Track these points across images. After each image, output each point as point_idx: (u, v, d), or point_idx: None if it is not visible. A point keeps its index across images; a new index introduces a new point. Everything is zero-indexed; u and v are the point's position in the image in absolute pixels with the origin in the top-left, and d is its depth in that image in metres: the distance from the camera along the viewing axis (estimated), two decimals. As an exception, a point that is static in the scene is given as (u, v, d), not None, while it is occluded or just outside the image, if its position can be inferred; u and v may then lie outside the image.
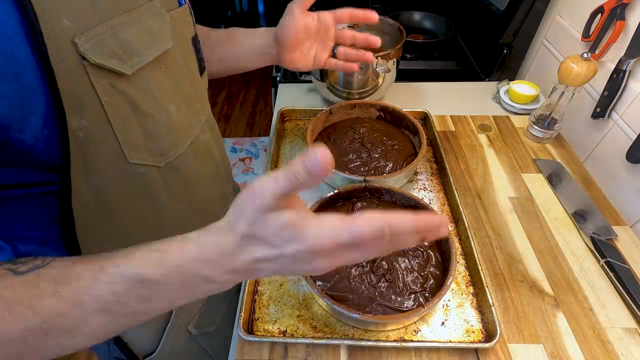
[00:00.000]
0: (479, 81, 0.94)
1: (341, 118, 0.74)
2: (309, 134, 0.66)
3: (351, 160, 0.66)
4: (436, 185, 0.65)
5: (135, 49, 0.32)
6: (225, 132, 2.13)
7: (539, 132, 0.74)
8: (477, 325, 0.47)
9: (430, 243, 0.52)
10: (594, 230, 0.58)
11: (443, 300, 0.49)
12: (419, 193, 0.64)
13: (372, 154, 0.66)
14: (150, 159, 0.36)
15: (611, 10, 0.63)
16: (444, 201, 0.63)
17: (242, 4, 2.53)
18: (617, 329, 0.48)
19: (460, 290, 0.51)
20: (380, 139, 0.69)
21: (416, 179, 0.66)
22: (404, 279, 0.49)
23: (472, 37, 1.08)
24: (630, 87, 0.62)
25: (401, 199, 0.56)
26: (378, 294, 0.47)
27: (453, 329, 0.47)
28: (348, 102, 0.73)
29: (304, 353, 0.46)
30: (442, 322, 0.48)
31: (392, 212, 0.28)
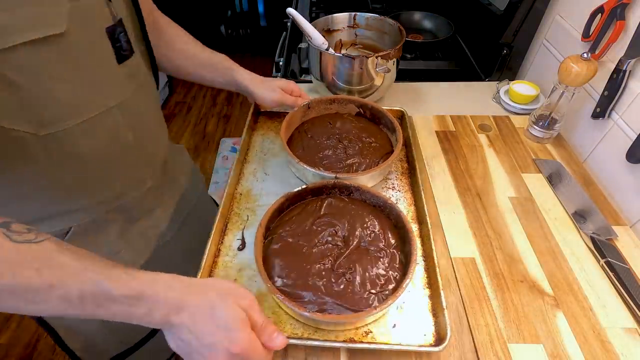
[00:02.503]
0: (479, 81, 0.94)
1: (320, 113, 0.73)
2: (284, 127, 0.65)
3: (327, 156, 0.65)
4: (405, 185, 0.64)
5: (10, 30, 0.35)
6: (225, 132, 2.12)
7: (539, 132, 0.74)
8: (429, 329, 0.46)
9: (395, 243, 0.51)
10: (594, 230, 0.58)
11: (398, 302, 0.48)
12: (387, 192, 0.63)
13: (349, 151, 0.65)
14: (26, 126, 0.40)
15: (611, 10, 0.63)
16: (411, 202, 0.62)
17: (242, 4, 2.53)
18: (617, 329, 0.48)
19: (417, 292, 0.50)
20: (358, 135, 0.68)
21: (386, 177, 0.65)
22: (364, 279, 0.47)
23: (472, 37, 1.08)
24: (630, 87, 0.62)
25: (370, 197, 0.55)
26: (335, 293, 0.46)
27: (405, 332, 0.46)
28: (327, 97, 0.72)
29: (304, 353, 0.46)
30: (395, 324, 0.47)
31: (359, 211, 0.31)
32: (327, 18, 0.86)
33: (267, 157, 0.70)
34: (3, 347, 1.27)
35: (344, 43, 0.90)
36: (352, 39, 0.90)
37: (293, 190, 0.54)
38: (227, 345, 0.34)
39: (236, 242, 0.56)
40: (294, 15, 0.72)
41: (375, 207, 0.55)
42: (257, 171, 0.67)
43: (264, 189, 0.64)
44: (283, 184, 0.61)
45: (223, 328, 0.34)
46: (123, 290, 0.34)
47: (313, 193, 0.56)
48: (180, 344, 0.36)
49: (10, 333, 1.30)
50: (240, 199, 0.62)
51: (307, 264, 0.48)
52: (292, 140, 0.69)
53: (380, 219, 0.54)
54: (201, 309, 0.35)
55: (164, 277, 0.36)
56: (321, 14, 1.26)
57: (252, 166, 0.68)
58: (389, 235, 0.52)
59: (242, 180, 0.65)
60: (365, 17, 0.87)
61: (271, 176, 0.66)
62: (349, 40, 0.90)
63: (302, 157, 0.63)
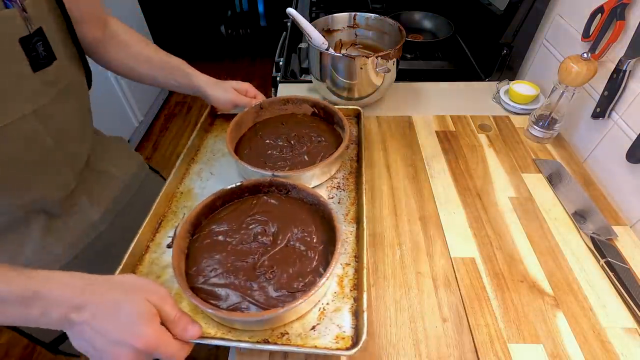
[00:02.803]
0: (479, 81, 0.94)
1: (274, 114, 0.73)
2: (231, 126, 0.65)
3: (273, 155, 0.64)
4: (351, 184, 0.63)
5: None
6: (225, 132, 2.12)
7: (539, 132, 0.74)
8: (349, 332, 0.44)
9: (324, 243, 0.50)
10: (594, 230, 0.58)
11: (321, 304, 0.46)
12: (332, 191, 0.62)
13: (296, 150, 0.65)
14: None
15: (611, 10, 0.63)
16: (353, 201, 0.60)
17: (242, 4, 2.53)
18: (617, 329, 0.48)
19: (343, 294, 0.48)
20: (308, 135, 0.68)
21: (334, 176, 0.64)
22: (284, 279, 0.46)
23: (472, 37, 1.08)
24: (630, 87, 0.62)
25: (306, 196, 0.54)
26: (251, 292, 0.45)
27: (323, 334, 0.44)
28: (280, 98, 0.72)
29: (304, 355, 0.46)
30: (314, 326, 0.44)
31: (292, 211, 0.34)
32: (327, 18, 0.86)
33: (217, 157, 0.69)
34: (3, 347, 1.27)
35: (344, 43, 0.90)
36: (352, 39, 0.90)
37: (226, 188, 0.54)
38: (131, 340, 0.34)
39: (167, 240, 0.55)
40: (294, 15, 0.72)
41: (312, 206, 0.54)
42: (202, 171, 0.66)
43: (207, 188, 0.63)
44: (227, 183, 0.58)
45: (127, 323, 0.35)
46: (15, 290, 0.34)
47: (250, 191, 0.56)
48: (83, 343, 0.36)
49: (11, 333, 1.30)
50: (180, 197, 0.61)
51: (229, 262, 0.47)
52: (242, 141, 0.68)
53: (314, 218, 0.53)
54: (104, 306, 0.35)
55: (60, 275, 0.36)
56: (321, 14, 1.26)
57: (199, 166, 0.67)
58: (319, 235, 0.51)
59: (185, 179, 0.64)
60: (365, 17, 0.87)
61: (216, 176, 0.65)
62: (349, 40, 0.90)
63: (248, 156, 0.63)
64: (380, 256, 0.56)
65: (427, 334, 0.48)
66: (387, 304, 0.51)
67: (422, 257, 0.56)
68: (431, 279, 0.53)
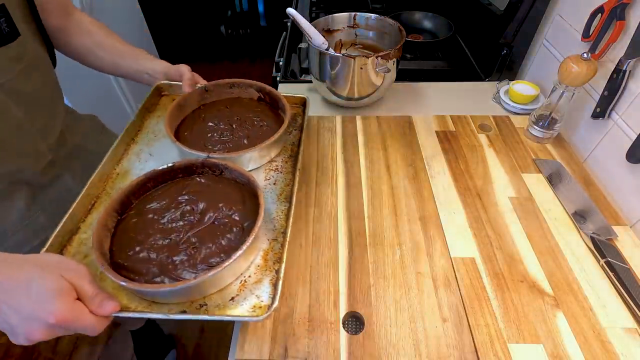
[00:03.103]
0: (479, 81, 0.94)
1: (221, 97, 0.72)
2: (172, 107, 0.64)
3: (212, 138, 0.64)
4: (289, 167, 0.63)
5: None
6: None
7: (539, 132, 0.74)
8: (266, 301, 0.44)
9: (250, 221, 0.50)
10: (594, 230, 0.58)
11: (243, 277, 0.47)
12: (270, 173, 0.62)
13: (237, 134, 0.64)
14: None
15: (611, 10, 0.63)
16: (289, 182, 0.60)
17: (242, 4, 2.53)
18: (617, 329, 0.48)
19: (266, 267, 0.48)
20: (252, 119, 0.67)
21: (274, 159, 0.65)
22: (208, 254, 0.46)
23: (472, 37, 1.08)
24: (630, 87, 0.62)
25: (238, 176, 0.54)
26: (171, 267, 0.45)
27: (241, 304, 0.45)
28: (226, 81, 0.71)
29: (304, 353, 0.46)
30: (233, 297, 0.45)
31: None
32: (327, 18, 0.86)
33: (158, 138, 0.67)
34: (3, 347, 1.27)
35: (344, 43, 0.90)
36: (352, 39, 0.90)
37: (157, 169, 0.54)
38: (43, 315, 0.35)
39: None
40: (294, 16, 0.72)
41: (243, 186, 0.54)
42: (142, 152, 0.65)
43: (145, 170, 0.60)
44: (161, 159, 0.58)
45: (39, 299, 0.36)
46: None
47: (183, 172, 0.56)
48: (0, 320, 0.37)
49: (10, 333, 1.30)
50: (116, 178, 0.60)
51: (153, 240, 0.48)
52: (185, 122, 0.67)
53: (244, 197, 0.53)
54: (16, 283, 0.36)
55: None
56: (321, 14, 1.26)
57: (139, 147, 0.65)
58: (246, 213, 0.51)
59: (123, 160, 0.63)
60: (365, 17, 0.87)
61: (156, 157, 0.64)
62: (349, 40, 0.90)
63: (188, 138, 0.63)
64: (380, 256, 0.56)
65: (427, 334, 0.48)
66: (387, 304, 0.51)
67: (422, 257, 0.56)
68: (431, 279, 0.53)
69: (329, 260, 0.56)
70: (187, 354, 1.26)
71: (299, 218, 0.61)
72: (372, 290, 0.52)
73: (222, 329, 1.32)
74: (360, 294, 0.52)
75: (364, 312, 0.50)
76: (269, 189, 0.59)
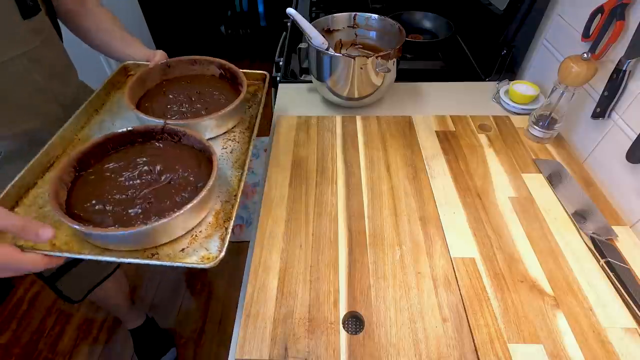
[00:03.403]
0: (479, 81, 0.94)
1: (183, 73, 0.74)
2: (134, 79, 0.66)
3: (172, 109, 0.66)
4: (246, 137, 0.66)
5: None
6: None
7: (539, 132, 0.74)
8: (214, 253, 0.47)
9: (203, 182, 0.52)
10: (594, 230, 0.58)
11: (194, 232, 0.50)
12: (226, 143, 0.64)
13: (196, 106, 0.67)
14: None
15: (611, 10, 0.63)
16: (244, 151, 0.63)
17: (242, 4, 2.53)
18: (617, 329, 0.48)
19: (217, 224, 0.51)
20: (211, 93, 0.70)
21: (232, 129, 0.67)
22: (162, 209, 0.48)
23: (472, 37, 1.08)
24: (630, 87, 0.62)
25: (195, 142, 0.57)
26: (125, 220, 0.47)
27: (190, 255, 0.47)
28: (188, 58, 0.74)
29: (304, 353, 0.46)
30: (183, 248, 0.48)
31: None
32: (327, 18, 0.86)
33: (121, 111, 0.69)
34: (3, 347, 1.27)
35: (344, 43, 0.90)
36: (352, 39, 0.90)
37: (117, 131, 0.56)
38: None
39: None
40: (294, 16, 0.72)
41: (200, 152, 0.57)
42: (104, 122, 0.67)
43: None
44: (124, 123, 0.61)
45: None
46: None
47: (143, 137, 0.58)
48: None
49: (10, 333, 1.30)
50: (77, 143, 0.62)
51: (110, 194, 0.50)
52: (146, 95, 0.69)
53: (200, 161, 0.55)
54: None
55: None
56: (321, 14, 1.26)
57: (102, 117, 0.67)
58: (201, 176, 0.53)
59: (85, 128, 0.65)
60: (365, 17, 0.87)
61: (118, 127, 0.64)
62: (349, 40, 0.90)
63: (148, 109, 0.65)
64: (380, 256, 0.56)
65: (427, 334, 0.48)
66: (387, 304, 0.51)
67: (422, 257, 0.56)
68: (431, 279, 0.53)
69: (329, 260, 0.56)
70: (187, 354, 1.26)
71: (298, 218, 0.61)
72: (372, 291, 0.52)
73: (223, 329, 1.32)
74: (360, 294, 0.52)
75: (364, 312, 0.50)
76: (225, 156, 0.62)
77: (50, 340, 1.29)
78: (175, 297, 1.41)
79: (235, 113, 0.65)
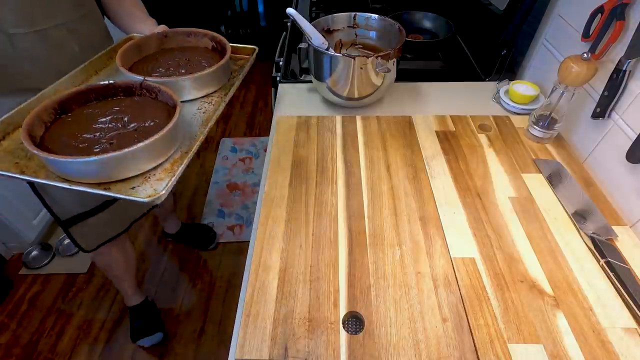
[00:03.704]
0: (479, 81, 0.94)
1: (178, 44, 0.78)
2: (129, 44, 0.70)
3: (159, 72, 0.69)
4: (222, 102, 0.68)
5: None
6: (225, 132, 2.13)
7: (539, 132, 0.74)
8: (160, 192, 0.49)
9: (160, 121, 0.56)
10: (594, 230, 0.58)
11: (148, 174, 0.52)
12: (202, 105, 0.66)
13: (179, 71, 0.70)
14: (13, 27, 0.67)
15: (611, 10, 0.63)
16: (213, 113, 0.64)
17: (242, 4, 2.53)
18: (617, 329, 0.48)
19: (171, 170, 0.53)
20: (199, 62, 0.72)
21: (212, 94, 0.68)
22: (121, 149, 0.50)
23: (472, 37, 1.08)
24: (630, 87, 0.62)
25: (167, 98, 0.59)
26: (89, 153, 0.51)
27: (139, 192, 0.49)
28: (183, 29, 0.77)
29: (304, 353, 0.46)
30: (134, 187, 0.50)
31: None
32: (327, 18, 0.86)
33: (119, 76, 0.70)
34: (3, 347, 1.27)
35: (344, 43, 0.90)
36: (352, 39, 0.90)
37: (99, 83, 0.61)
38: None
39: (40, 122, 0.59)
40: (294, 16, 0.72)
41: (173, 108, 0.59)
42: (101, 80, 0.68)
43: None
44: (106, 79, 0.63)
45: None
46: None
47: (124, 92, 0.62)
48: None
49: (10, 333, 1.30)
50: None
51: (80, 133, 0.54)
52: (141, 60, 0.73)
53: (171, 116, 0.56)
54: None
55: None
56: (321, 14, 1.26)
57: (99, 78, 0.70)
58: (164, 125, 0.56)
59: (82, 85, 0.66)
60: (365, 17, 0.87)
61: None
62: (349, 40, 0.90)
63: (138, 71, 0.67)
64: (380, 256, 0.56)
65: (427, 334, 0.48)
66: (387, 304, 0.51)
67: (422, 257, 0.56)
68: (431, 279, 0.53)
69: (329, 260, 0.56)
70: (187, 354, 1.26)
71: (298, 218, 0.61)
72: (372, 290, 0.52)
73: (223, 329, 1.32)
74: (360, 294, 0.52)
75: (364, 312, 0.50)
76: (198, 116, 0.63)
77: (50, 340, 1.29)
78: (176, 297, 1.41)
79: (216, 78, 0.68)
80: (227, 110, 2.29)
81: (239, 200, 1.76)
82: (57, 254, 1.53)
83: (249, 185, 1.83)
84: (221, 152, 2.00)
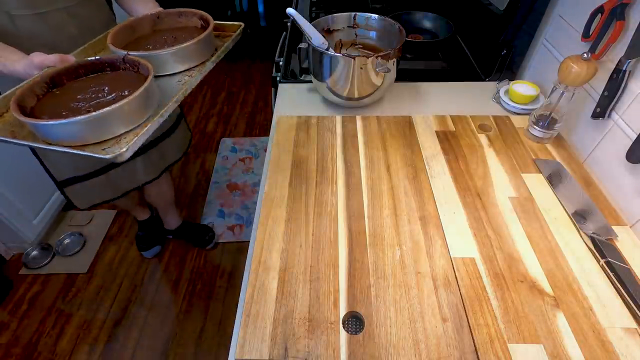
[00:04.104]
0: (479, 81, 0.94)
1: (171, 25, 0.81)
2: (121, 25, 0.74)
3: (147, 48, 0.73)
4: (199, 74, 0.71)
5: None
6: (225, 132, 2.12)
7: (539, 132, 0.74)
8: (123, 149, 0.52)
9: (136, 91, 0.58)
10: (594, 230, 0.58)
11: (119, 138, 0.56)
12: (182, 78, 0.69)
13: (166, 46, 0.72)
14: (15, 10, 0.75)
15: (611, 10, 0.63)
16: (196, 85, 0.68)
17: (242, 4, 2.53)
18: (617, 329, 0.48)
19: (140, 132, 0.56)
20: (185, 40, 0.72)
21: (193, 69, 0.70)
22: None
23: (472, 37, 1.08)
24: (630, 87, 0.62)
25: (145, 71, 0.63)
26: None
27: (109, 152, 0.52)
28: (176, 10, 0.80)
29: (304, 353, 0.46)
30: (104, 148, 0.54)
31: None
32: (327, 18, 0.86)
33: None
34: (3, 347, 1.27)
35: (344, 43, 0.90)
36: (352, 39, 0.90)
37: (87, 59, 0.66)
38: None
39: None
40: (294, 16, 0.72)
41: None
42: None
43: None
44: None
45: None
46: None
47: (110, 67, 0.66)
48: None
49: (10, 333, 1.30)
50: None
51: (66, 103, 0.59)
52: (134, 40, 0.76)
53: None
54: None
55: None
56: (321, 14, 1.26)
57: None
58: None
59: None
60: (365, 17, 0.87)
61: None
62: (349, 40, 0.90)
63: (128, 48, 0.71)
64: (380, 256, 0.56)
65: (427, 334, 0.48)
66: (387, 304, 0.51)
67: (422, 257, 0.56)
68: (431, 279, 0.53)
69: (329, 260, 0.56)
70: (187, 354, 1.26)
71: (298, 218, 0.61)
72: (372, 290, 0.52)
73: (223, 329, 1.32)
74: (360, 294, 0.52)
75: (364, 312, 0.50)
76: (177, 88, 0.66)
77: (50, 340, 1.29)
78: (176, 297, 1.41)
79: (197, 52, 0.70)
80: (227, 110, 2.29)
81: (239, 200, 1.76)
82: (57, 254, 1.53)
83: (249, 185, 1.83)
84: (221, 152, 2.00)
